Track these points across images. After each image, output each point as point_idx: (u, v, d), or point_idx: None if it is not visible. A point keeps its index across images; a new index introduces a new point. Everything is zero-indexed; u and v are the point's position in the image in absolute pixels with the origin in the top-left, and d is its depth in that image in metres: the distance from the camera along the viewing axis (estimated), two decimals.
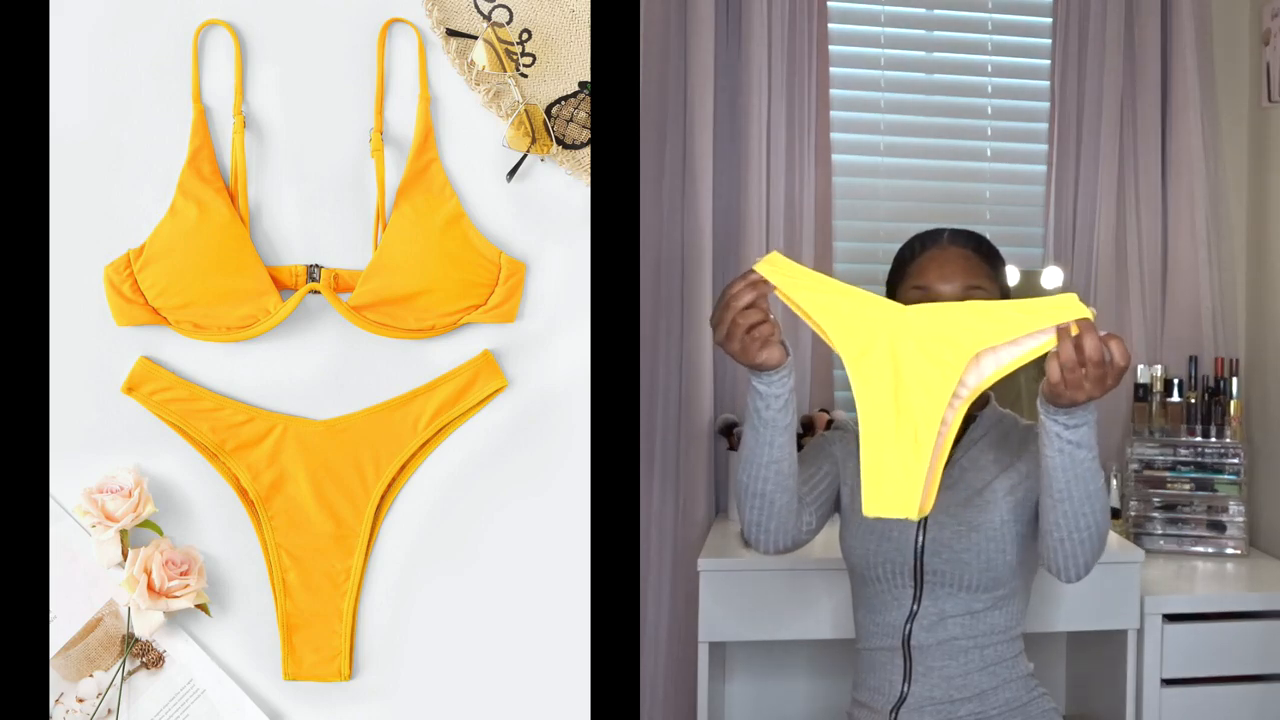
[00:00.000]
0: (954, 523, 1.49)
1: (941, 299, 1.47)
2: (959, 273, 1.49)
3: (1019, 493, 1.49)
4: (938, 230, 1.56)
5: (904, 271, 1.54)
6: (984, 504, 1.49)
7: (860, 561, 1.54)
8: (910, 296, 1.50)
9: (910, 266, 1.53)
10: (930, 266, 1.51)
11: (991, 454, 1.53)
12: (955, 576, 1.48)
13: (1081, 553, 1.37)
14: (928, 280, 1.49)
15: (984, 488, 1.50)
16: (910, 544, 1.50)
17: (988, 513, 1.49)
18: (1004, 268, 1.57)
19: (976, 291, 1.48)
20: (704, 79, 2.40)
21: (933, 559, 1.49)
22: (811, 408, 2.48)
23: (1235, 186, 2.66)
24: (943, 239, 1.53)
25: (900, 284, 1.54)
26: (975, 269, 1.50)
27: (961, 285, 1.48)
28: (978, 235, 1.56)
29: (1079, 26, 2.62)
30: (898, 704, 1.52)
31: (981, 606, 1.50)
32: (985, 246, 1.55)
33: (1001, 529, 1.48)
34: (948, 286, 1.48)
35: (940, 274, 1.49)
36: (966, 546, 1.48)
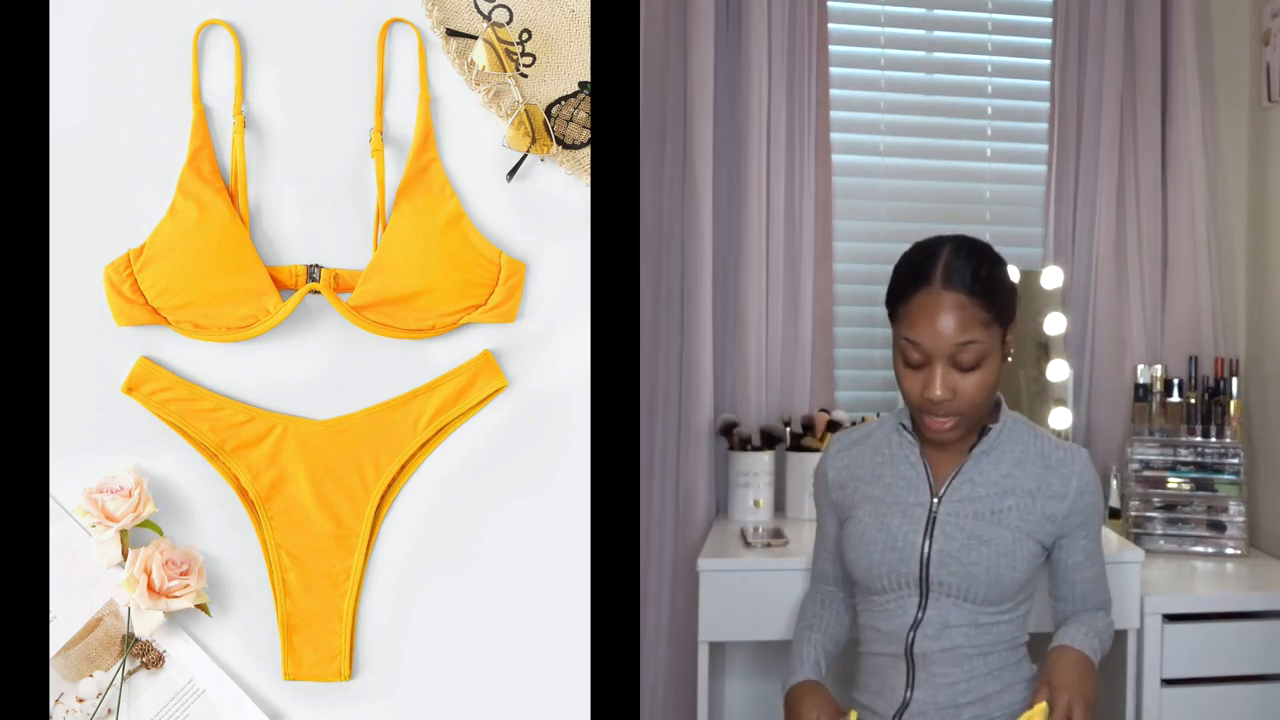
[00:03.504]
0: (963, 535, 1.47)
1: (934, 354, 1.42)
2: (952, 325, 1.41)
3: (1032, 521, 1.48)
4: (932, 257, 1.45)
5: (895, 310, 1.47)
6: (995, 520, 1.48)
7: (865, 573, 1.52)
8: (902, 345, 1.45)
9: (901, 309, 1.46)
10: (921, 318, 1.43)
11: (1006, 467, 1.51)
12: (961, 588, 1.46)
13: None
14: (919, 335, 1.43)
15: (997, 505, 1.49)
16: (916, 554, 1.48)
17: (999, 528, 1.47)
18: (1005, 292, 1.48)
19: (970, 345, 1.42)
20: (704, 79, 2.40)
21: (939, 570, 1.47)
22: (812, 408, 2.48)
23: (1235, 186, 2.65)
24: (934, 279, 1.43)
25: (893, 319, 1.48)
26: (969, 319, 1.42)
27: (954, 341, 1.42)
28: (977, 260, 1.45)
29: (1079, 26, 2.62)
30: (901, 709, 1.51)
31: (987, 619, 1.48)
32: (983, 281, 1.44)
33: (1013, 546, 1.46)
34: (938, 343, 1.42)
35: (931, 327, 1.42)
36: (975, 560, 1.46)
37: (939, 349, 1.42)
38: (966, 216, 2.60)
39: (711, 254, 2.42)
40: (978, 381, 1.44)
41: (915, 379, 1.45)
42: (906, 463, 1.54)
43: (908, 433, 1.55)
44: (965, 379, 1.43)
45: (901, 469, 1.54)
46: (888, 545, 1.50)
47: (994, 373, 1.46)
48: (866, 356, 2.60)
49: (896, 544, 1.49)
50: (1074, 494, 1.50)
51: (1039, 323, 2.56)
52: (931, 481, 1.52)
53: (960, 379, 1.43)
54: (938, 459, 1.54)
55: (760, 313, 2.46)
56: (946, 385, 1.43)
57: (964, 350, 1.42)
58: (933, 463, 1.53)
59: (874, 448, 1.58)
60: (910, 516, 1.50)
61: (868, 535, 1.51)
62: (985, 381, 1.44)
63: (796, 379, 2.51)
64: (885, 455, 1.57)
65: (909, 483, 1.53)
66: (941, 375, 1.42)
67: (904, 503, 1.52)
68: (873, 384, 2.61)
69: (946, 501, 1.50)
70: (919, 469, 1.53)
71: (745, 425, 2.42)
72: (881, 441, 1.58)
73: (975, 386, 1.44)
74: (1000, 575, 1.46)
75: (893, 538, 1.50)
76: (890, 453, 1.56)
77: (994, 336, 1.45)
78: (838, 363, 2.57)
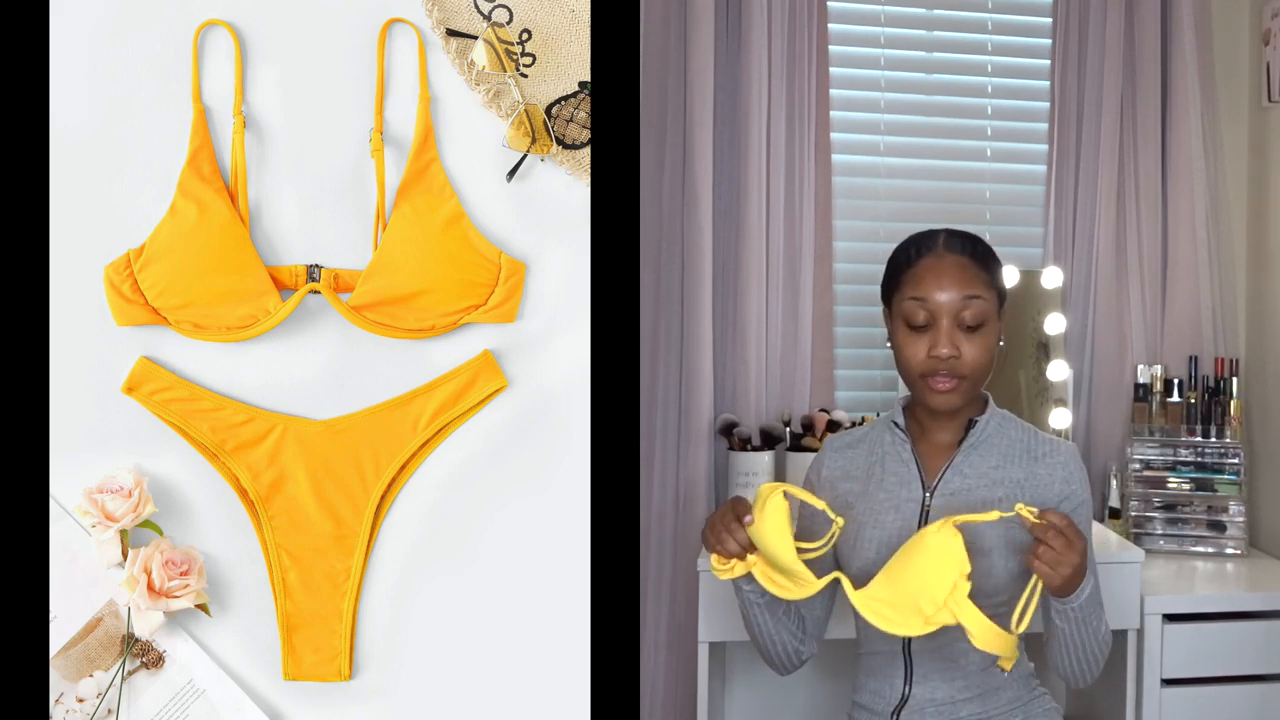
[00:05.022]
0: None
1: (940, 310, 1.47)
2: (956, 282, 1.48)
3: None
4: (933, 233, 1.54)
5: (899, 280, 1.52)
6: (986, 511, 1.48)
7: (859, 573, 1.53)
8: (907, 308, 1.49)
9: (905, 275, 1.51)
10: (926, 276, 1.49)
11: (995, 460, 1.52)
12: None
13: (1088, 671, 1.50)
14: (924, 290, 1.48)
15: (987, 496, 1.49)
16: None
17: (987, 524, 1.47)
18: (1001, 270, 1.55)
19: (975, 301, 1.47)
20: (704, 79, 2.40)
21: None
22: (812, 408, 2.48)
23: (1235, 186, 2.66)
24: (938, 245, 1.51)
25: (895, 293, 1.52)
26: (972, 277, 1.49)
27: (959, 295, 1.47)
28: (974, 237, 1.54)
29: (1079, 26, 2.62)
30: (899, 706, 1.52)
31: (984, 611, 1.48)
32: (982, 250, 1.53)
33: (1002, 541, 1.47)
34: (945, 296, 1.47)
35: (938, 283, 1.48)
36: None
37: (946, 304, 1.47)
38: (966, 216, 2.61)
39: (711, 254, 2.42)
40: (980, 344, 1.48)
41: (919, 343, 1.48)
42: (899, 460, 1.55)
43: (899, 430, 1.56)
44: (969, 340, 1.47)
45: (893, 465, 1.55)
46: (882, 541, 1.50)
47: (993, 339, 1.50)
48: (866, 356, 2.60)
49: (890, 539, 1.50)
50: (1060, 483, 1.51)
51: (1039, 323, 2.56)
52: (923, 476, 1.53)
53: (964, 339, 1.47)
54: (929, 454, 1.55)
55: (760, 312, 2.46)
56: (952, 343, 1.47)
57: (969, 306, 1.47)
58: (924, 458, 1.54)
59: (868, 449, 1.59)
60: (903, 511, 1.51)
61: (863, 531, 1.52)
62: (986, 345, 1.49)
63: (796, 379, 2.51)
64: (878, 455, 1.57)
65: (901, 479, 1.54)
66: (947, 332, 1.47)
67: (897, 498, 1.52)
68: (873, 384, 2.61)
69: (938, 495, 1.51)
70: (910, 465, 1.54)
71: (745, 425, 2.42)
72: (875, 442, 1.59)
73: (978, 349, 1.48)
74: (991, 569, 1.46)
75: (886, 533, 1.50)
76: (883, 451, 1.57)
77: (993, 301, 1.50)
78: (838, 363, 2.57)
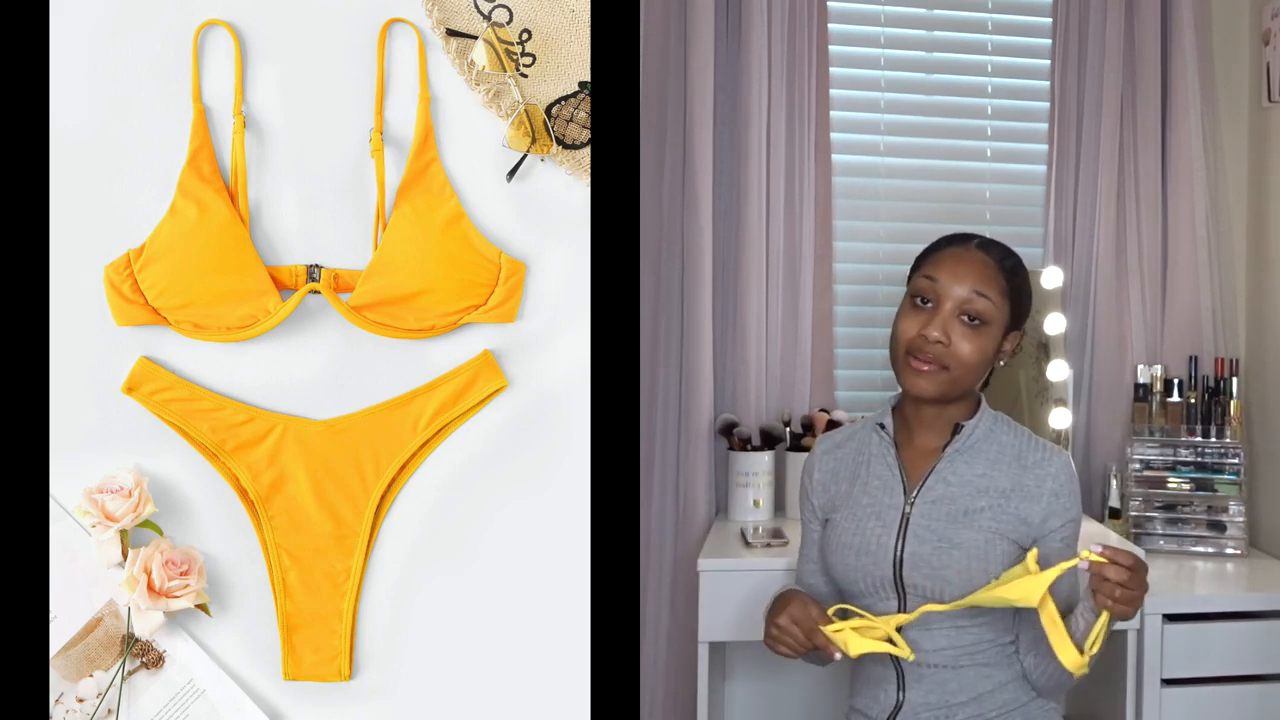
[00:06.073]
0: (934, 538, 1.46)
1: (946, 294, 1.46)
2: (973, 275, 1.47)
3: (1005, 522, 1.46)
4: (971, 234, 1.54)
5: (922, 260, 1.52)
6: (968, 522, 1.46)
7: (842, 576, 1.52)
8: (919, 283, 1.49)
9: (930, 257, 1.51)
10: (947, 261, 1.49)
11: (981, 467, 1.50)
12: (936, 591, 1.44)
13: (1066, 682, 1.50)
14: (939, 273, 1.48)
15: (970, 505, 1.47)
16: (889, 556, 1.47)
17: (971, 530, 1.46)
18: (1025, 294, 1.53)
19: (983, 299, 1.46)
20: (704, 79, 2.40)
21: (912, 573, 1.46)
22: (812, 408, 2.48)
23: (1235, 186, 2.66)
24: (971, 242, 1.51)
25: (915, 272, 1.52)
26: (990, 279, 1.47)
27: (971, 288, 1.46)
28: (1010, 251, 1.53)
29: (1079, 26, 2.62)
30: (894, 711, 1.51)
31: (967, 621, 1.46)
32: (1011, 264, 1.51)
33: (986, 548, 1.45)
34: (956, 284, 1.46)
35: (954, 272, 1.47)
36: (946, 564, 1.44)
37: (955, 290, 1.46)
38: (966, 216, 2.60)
39: (711, 254, 2.42)
40: (975, 343, 1.46)
41: (916, 320, 1.47)
42: (883, 463, 1.54)
43: (884, 432, 1.55)
44: (965, 334, 1.46)
45: (877, 469, 1.54)
46: (862, 548, 1.49)
47: (990, 344, 1.48)
48: (866, 356, 2.60)
49: (870, 547, 1.49)
50: (1048, 495, 1.47)
51: (1039, 323, 2.55)
52: (905, 482, 1.51)
53: (960, 332, 1.46)
54: (912, 459, 1.53)
55: (760, 313, 2.46)
56: (945, 329, 1.45)
57: (976, 301, 1.46)
58: (907, 463, 1.52)
59: (855, 449, 1.58)
60: (884, 519, 1.49)
61: (844, 539, 1.51)
62: (979, 348, 1.47)
63: (796, 379, 2.51)
64: (864, 457, 1.56)
65: (884, 483, 1.52)
66: (945, 317, 1.46)
67: (879, 504, 1.51)
68: (873, 384, 2.61)
69: (919, 503, 1.49)
70: (894, 470, 1.52)
71: (745, 425, 2.42)
72: (862, 443, 1.58)
73: (971, 346, 1.46)
74: (973, 579, 1.43)
75: (867, 541, 1.49)
76: (869, 453, 1.56)
77: (1003, 315, 1.49)
78: (837, 363, 2.57)
